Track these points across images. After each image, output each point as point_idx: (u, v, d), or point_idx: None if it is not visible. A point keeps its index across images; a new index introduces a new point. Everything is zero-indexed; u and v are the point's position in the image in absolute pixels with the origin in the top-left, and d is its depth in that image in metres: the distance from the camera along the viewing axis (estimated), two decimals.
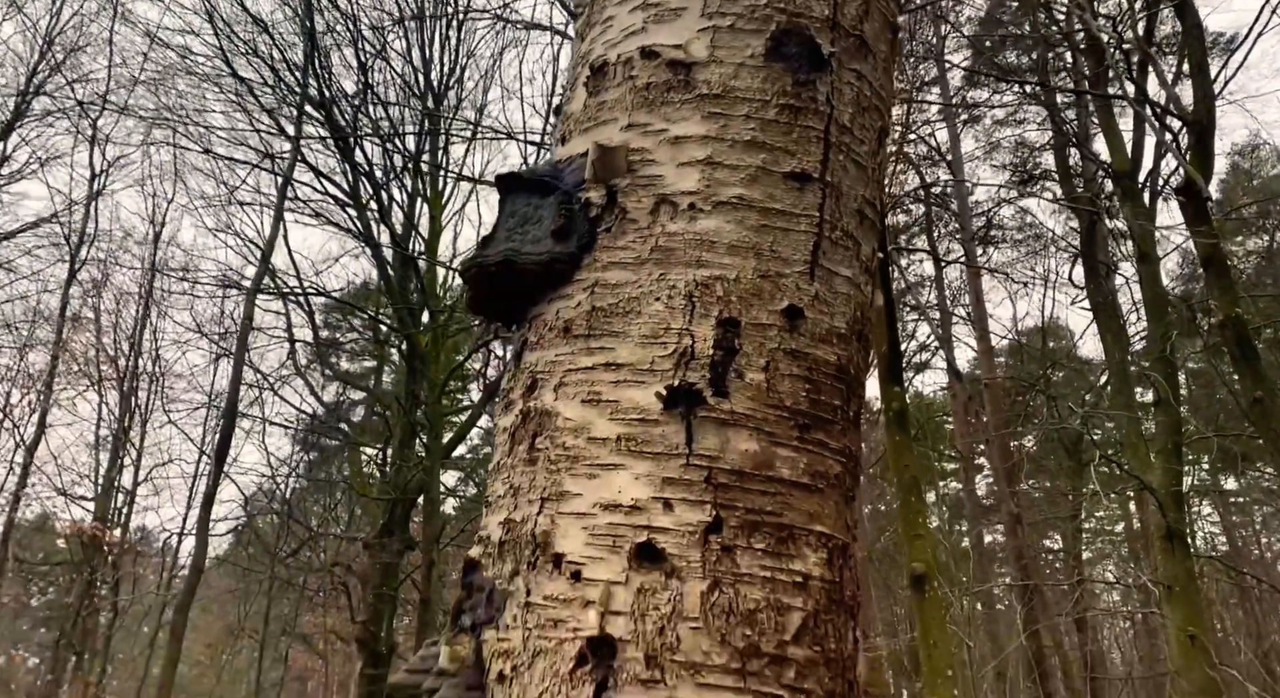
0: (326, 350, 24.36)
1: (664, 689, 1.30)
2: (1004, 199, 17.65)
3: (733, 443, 1.41)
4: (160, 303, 15.88)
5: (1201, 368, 19.87)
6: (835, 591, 1.41)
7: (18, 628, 21.98)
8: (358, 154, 15.99)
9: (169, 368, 24.43)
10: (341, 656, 24.81)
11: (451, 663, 1.49)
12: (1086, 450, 18.33)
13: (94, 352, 13.18)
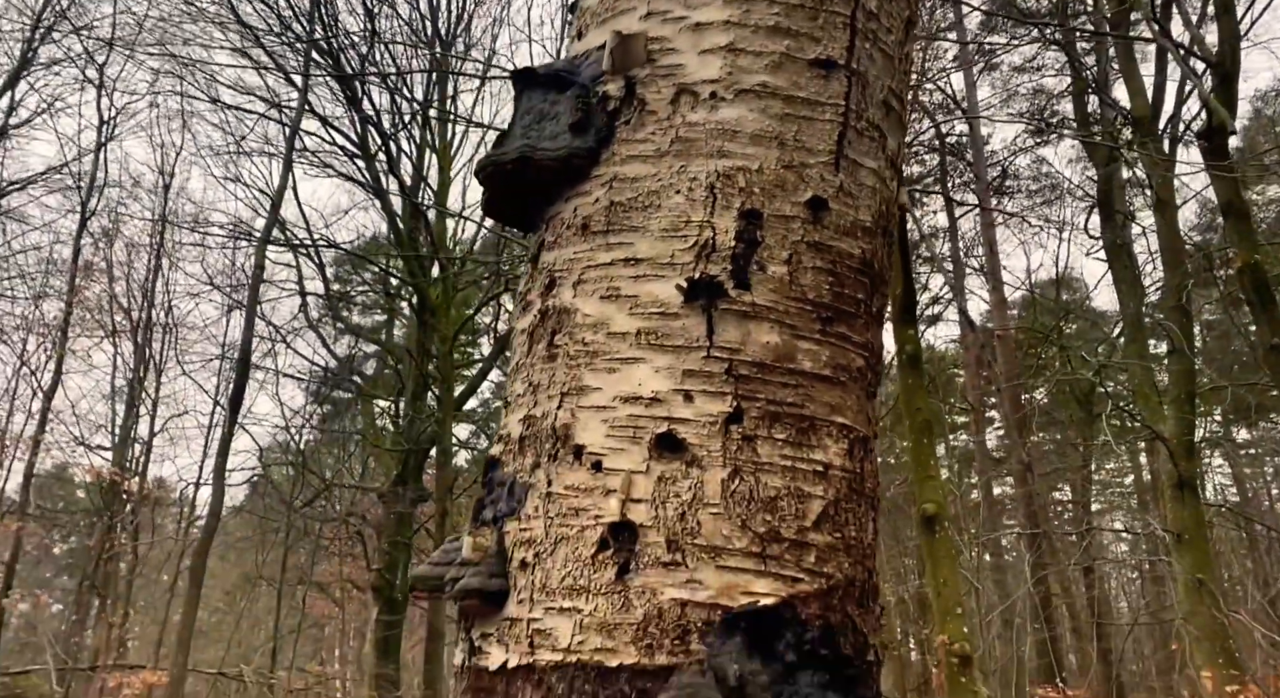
0: (338, 303, 24.41)
1: (685, 571, 1.31)
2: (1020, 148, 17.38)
3: (754, 335, 1.40)
4: (172, 254, 15.90)
5: (1216, 319, 19.72)
6: (856, 481, 1.41)
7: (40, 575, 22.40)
8: (365, 103, 15.83)
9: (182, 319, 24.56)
10: (357, 603, 25.25)
11: (474, 553, 1.50)
12: (1098, 402, 18.29)
13: (107, 302, 13.26)
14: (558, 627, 1.35)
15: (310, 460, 22.66)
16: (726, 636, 1.28)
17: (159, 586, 22.24)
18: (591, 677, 1.30)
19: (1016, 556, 25.17)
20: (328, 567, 24.28)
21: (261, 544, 20.82)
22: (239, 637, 21.94)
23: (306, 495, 20.99)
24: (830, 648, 1.31)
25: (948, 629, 6.02)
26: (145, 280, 14.28)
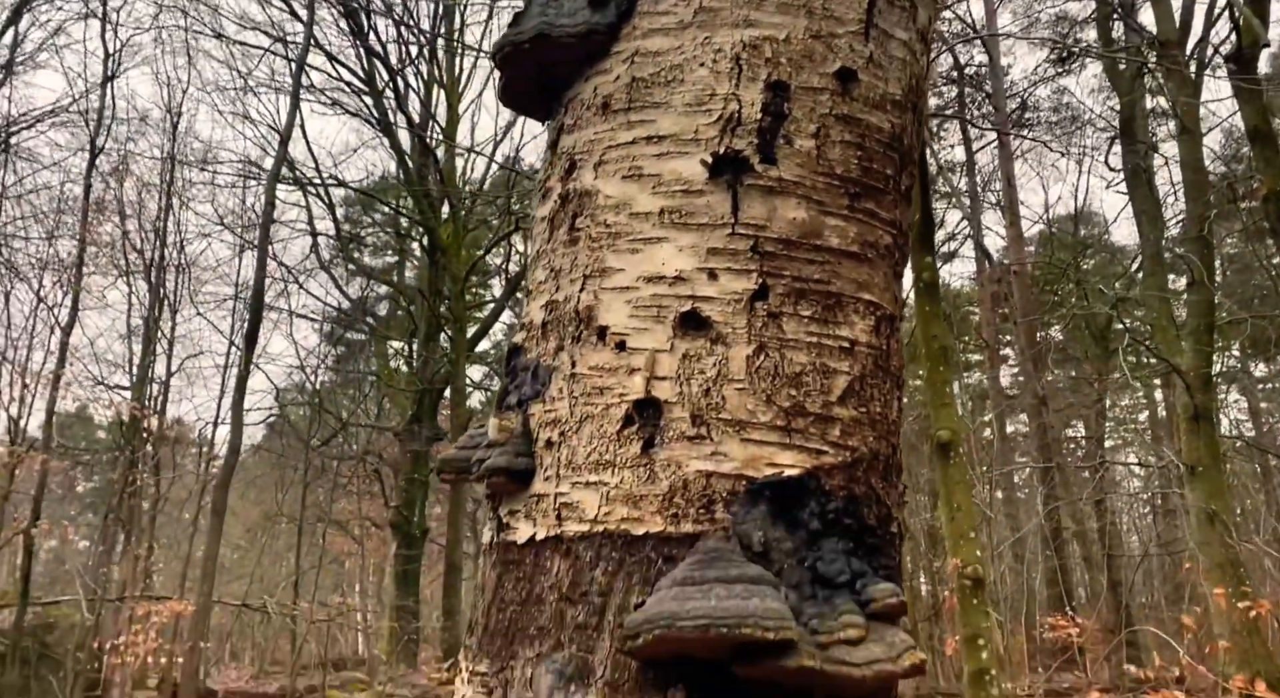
0: (349, 244, 24.37)
1: (710, 445, 1.31)
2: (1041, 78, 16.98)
3: (780, 212, 1.38)
4: (182, 193, 15.84)
5: (1237, 252, 19.45)
6: (881, 358, 1.40)
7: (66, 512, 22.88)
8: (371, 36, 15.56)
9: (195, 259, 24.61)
10: (376, 539, 25.77)
11: (500, 434, 1.51)
12: (1114, 338, 18.20)
13: (120, 241, 13.26)
14: (584, 500, 1.36)
15: (326, 401, 22.89)
16: (751, 505, 1.29)
17: (181, 523, 22.71)
18: (618, 545, 1.32)
19: (1029, 492, 25.36)
20: (346, 505, 24.71)
21: (280, 483, 21.17)
22: (261, 572, 22.45)
23: (324, 435, 21.27)
24: (854, 518, 1.32)
25: (961, 553, 6.08)
26: (156, 219, 14.27)
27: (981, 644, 5.99)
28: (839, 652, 1.20)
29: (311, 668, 16.56)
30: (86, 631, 9.83)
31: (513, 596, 1.42)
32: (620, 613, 1.28)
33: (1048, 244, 21.09)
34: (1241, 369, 20.33)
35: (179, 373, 16.67)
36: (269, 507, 22.80)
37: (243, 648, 22.85)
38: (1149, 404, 25.63)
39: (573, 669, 1.29)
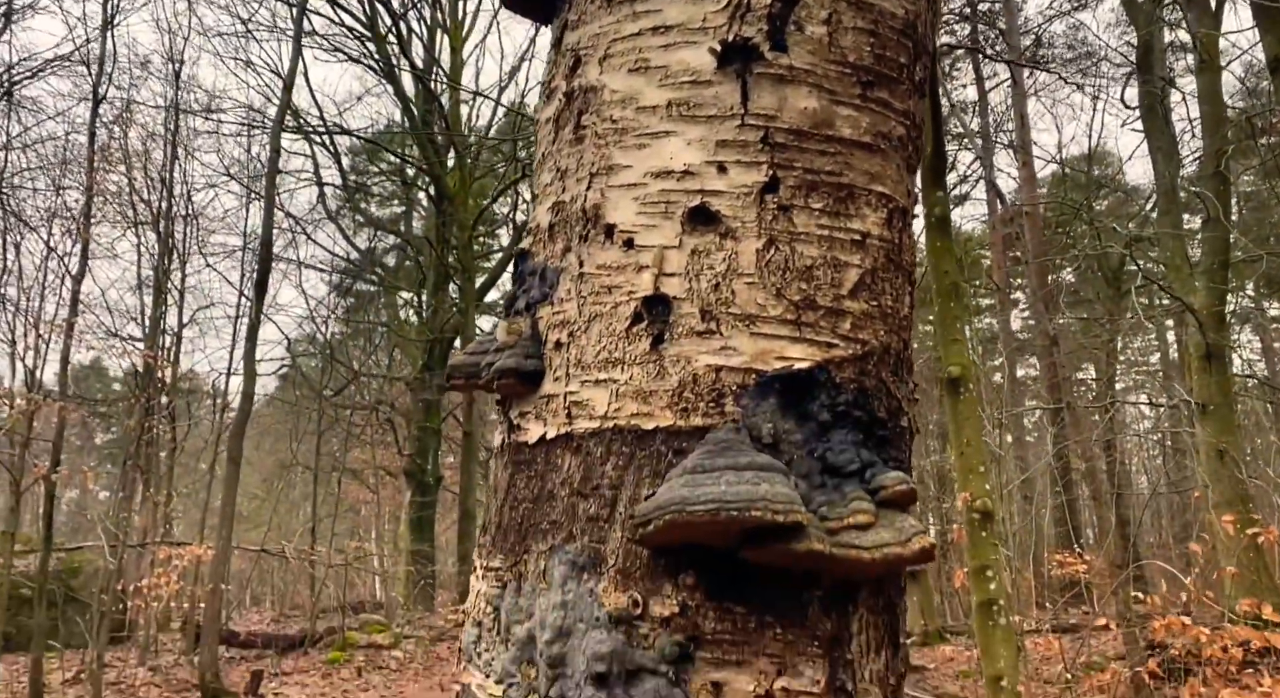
0: (355, 194, 24.25)
1: (719, 339, 1.30)
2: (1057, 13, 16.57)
3: (791, 101, 1.35)
4: (187, 142, 15.73)
5: (1254, 189, 19.15)
6: (893, 251, 1.39)
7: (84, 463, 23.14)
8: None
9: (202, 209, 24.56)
10: (391, 488, 26.09)
11: (509, 337, 1.50)
12: (1127, 280, 18.04)
13: (127, 192, 13.20)
14: (594, 397, 1.36)
15: (337, 352, 22.99)
16: (761, 398, 1.29)
17: (198, 473, 23.03)
18: (628, 439, 1.32)
19: (1038, 436, 25.40)
20: (360, 454, 24.97)
21: (295, 432, 21.37)
22: (278, 521, 22.80)
23: (336, 385, 21.41)
24: (864, 410, 1.31)
25: (970, 487, 6.11)
26: (162, 169, 14.19)
27: (990, 576, 6.06)
28: (848, 537, 1.21)
29: (330, 611, 16.90)
30: (110, 575, 10.05)
31: (525, 494, 1.43)
32: (631, 505, 1.29)
33: (1060, 184, 20.82)
34: (1255, 308, 20.17)
35: (190, 325, 16.74)
36: (284, 456, 23.06)
37: (263, 593, 23.33)
38: (1160, 346, 25.48)
39: (585, 559, 1.30)
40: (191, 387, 20.22)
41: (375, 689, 12.08)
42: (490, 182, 26.44)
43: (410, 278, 26.11)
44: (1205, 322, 11.88)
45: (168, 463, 13.74)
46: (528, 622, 1.36)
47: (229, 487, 10.72)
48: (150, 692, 10.44)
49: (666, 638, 1.23)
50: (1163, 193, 12.95)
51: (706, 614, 1.23)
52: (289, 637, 14.35)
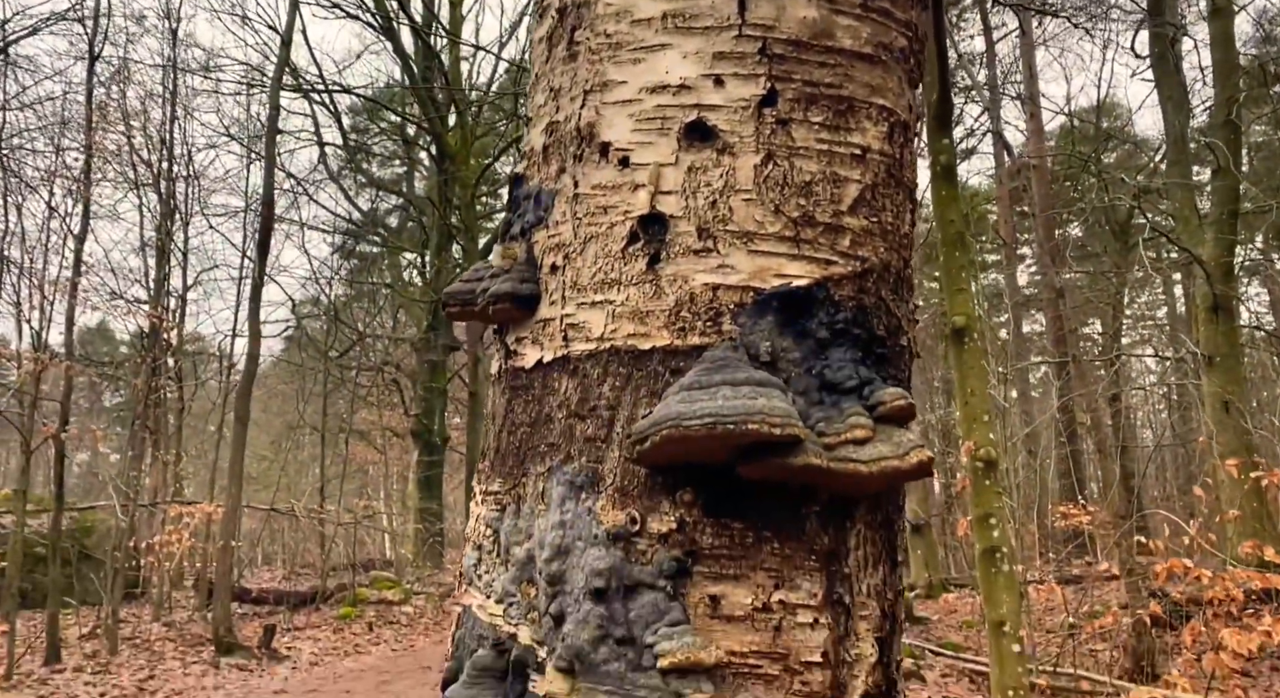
0: (356, 154, 24.07)
1: (716, 257, 1.29)
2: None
3: (789, 10, 1.32)
4: (186, 102, 15.58)
5: (1264, 140, 18.90)
6: (894, 166, 1.36)
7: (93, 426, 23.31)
8: None
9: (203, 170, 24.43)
10: (398, 448, 26.25)
11: (504, 261, 1.49)
12: (1134, 233, 17.89)
13: (127, 151, 13.10)
14: (590, 319, 1.35)
15: (342, 313, 23.00)
16: (758, 316, 1.27)
17: (206, 435, 23.19)
18: (625, 360, 1.31)
19: (1043, 391, 25.41)
20: (367, 415, 25.10)
21: (301, 394, 21.47)
22: (286, 481, 22.99)
23: (341, 346, 21.45)
24: (863, 328, 1.30)
25: (974, 436, 6.11)
26: (161, 127, 14.07)
27: (993, 524, 6.08)
28: (845, 451, 1.20)
29: (341, 569, 17.12)
30: (122, 533, 10.16)
31: (522, 418, 1.43)
32: (628, 425, 1.28)
33: (1068, 137, 20.56)
34: (1264, 260, 20.02)
35: (195, 286, 16.72)
36: (291, 418, 23.19)
37: (273, 552, 23.62)
38: (1168, 300, 25.36)
39: (583, 479, 1.30)
40: (197, 349, 20.27)
41: (386, 644, 12.27)
42: (492, 140, 26.22)
43: (413, 239, 26.02)
44: (1213, 273, 11.80)
45: (176, 424, 13.82)
46: (527, 543, 1.36)
47: (237, 446, 10.80)
48: (165, 646, 10.63)
49: (664, 554, 1.23)
50: (1172, 142, 12.78)
51: (704, 530, 1.23)
52: (300, 594, 14.55)
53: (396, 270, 25.70)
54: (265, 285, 11.60)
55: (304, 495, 19.78)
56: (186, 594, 14.09)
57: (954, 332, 6.22)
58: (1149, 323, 26.49)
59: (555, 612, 1.27)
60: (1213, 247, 11.85)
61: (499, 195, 30.06)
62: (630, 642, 1.20)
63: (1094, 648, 10.88)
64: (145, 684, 8.99)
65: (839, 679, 1.22)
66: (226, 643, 10.33)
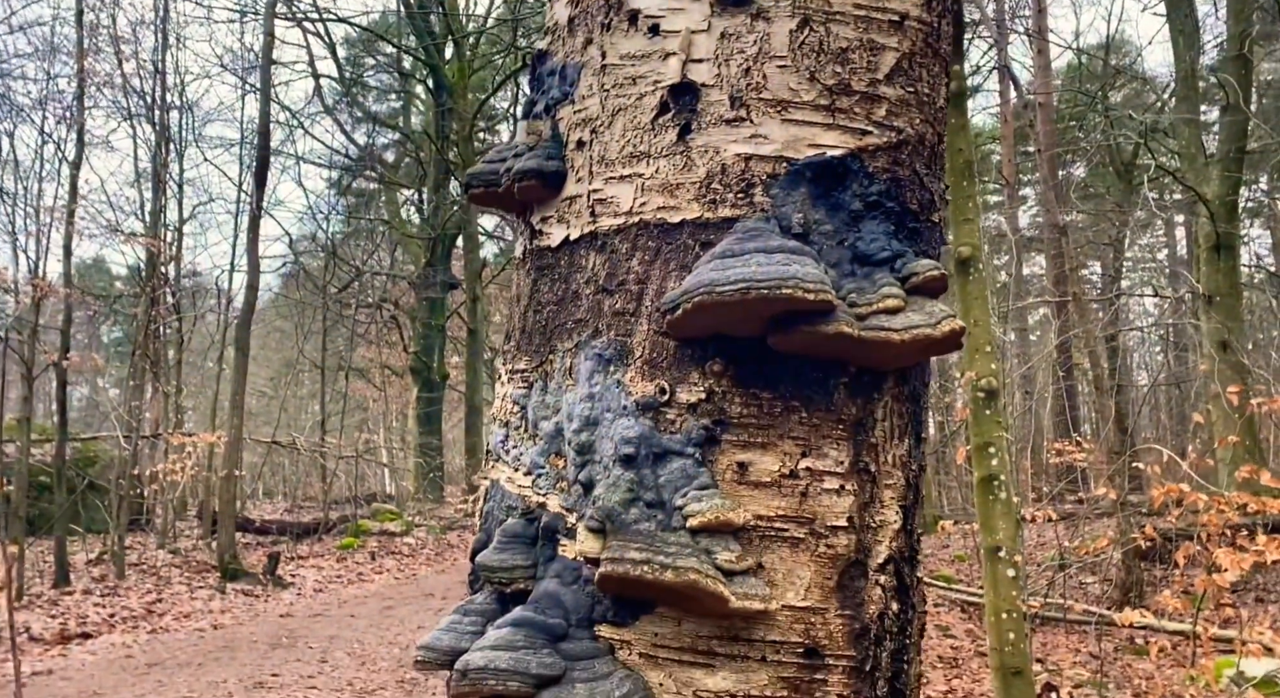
0: (352, 87, 23.66)
1: (749, 126, 1.27)
2: None
3: None
4: (178, 29, 15.23)
5: (1274, 78, 18.64)
6: (932, 35, 1.34)
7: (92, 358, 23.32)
8: None
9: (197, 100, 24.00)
10: (398, 386, 26.38)
11: (530, 138, 1.47)
12: (1139, 173, 17.74)
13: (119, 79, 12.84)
14: (619, 194, 1.34)
15: (339, 250, 22.87)
16: (791, 187, 1.26)
17: (206, 371, 23.25)
18: (654, 234, 1.30)
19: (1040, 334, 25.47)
20: (365, 353, 25.15)
21: (300, 329, 21.48)
22: (286, 419, 23.16)
23: (339, 282, 21.38)
24: (896, 201, 1.29)
25: (976, 366, 6.14)
26: (154, 54, 13.76)
27: (992, 453, 6.14)
28: (877, 320, 1.20)
29: (342, 502, 17.34)
30: (125, 461, 10.26)
31: (548, 297, 1.42)
32: (657, 298, 1.28)
33: (1076, 75, 20.25)
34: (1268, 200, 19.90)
35: (191, 220, 16.59)
36: (290, 354, 23.25)
37: (274, 485, 23.89)
38: (1168, 242, 25.30)
39: (612, 353, 1.30)
40: (195, 285, 20.20)
41: (389, 573, 12.49)
42: (490, 74, 25.75)
43: (410, 175, 25.76)
44: (1217, 212, 11.74)
45: (176, 357, 13.84)
46: (555, 417, 1.37)
47: (238, 376, 10.83)
48: (171, 572, 10.82)
49: (693, 422, 1.24)
50: (1181, 78, 12.60)
51: (733, 400, 1.24)
52: (303, 524, 14.76)
53: (394, 207, 25.50)
54: (262, 220, 11.50)
55: (305, 431, 19.92)
56: (190, 524, 14.29)
57: (959, 262, 6.21)
58: (1149, 264, 26.46)
59: (585, 480, 1.28)
60: (1218, 185, 11.77)
61: (497, 131, 29.66)
62: (659, 505, 1.21)
63: (1083, 581, 11.11)
64: (153, 606, 9.17)
65: (863, 543, 1.25)
66: (232, 569, 10.51)
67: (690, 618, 1.20)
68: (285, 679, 6.87)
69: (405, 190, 25.48)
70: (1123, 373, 16.55)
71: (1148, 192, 13.83)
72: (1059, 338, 12.26)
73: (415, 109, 27.50)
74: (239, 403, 10.45)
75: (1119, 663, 7.34)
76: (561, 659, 1.20)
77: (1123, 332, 15.71)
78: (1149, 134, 13.06)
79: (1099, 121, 15.92)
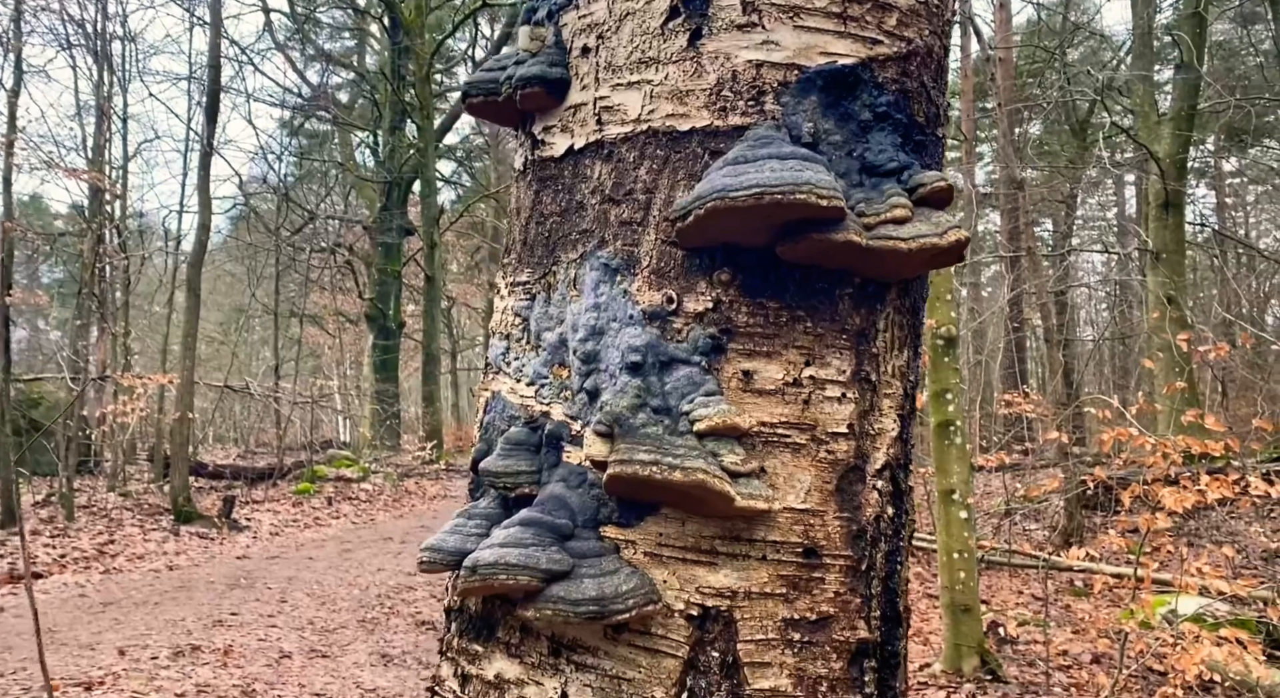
0: (304, 23, 22.87)
1: (761, 33, 1.26)
2: None
3: None
4: None
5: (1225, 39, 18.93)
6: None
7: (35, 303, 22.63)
8: None
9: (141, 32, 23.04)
10: (352, 333, 26.03)
11: (532, 43, 1.45)
12: (1093, 132, 17.99)
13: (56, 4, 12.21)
14: (626, 101, 1.33)
15: (291, 193, 22.30)
16: (802, 96, 1.26)
17: (153, 315, 22.69)
18: (663, 142, 1.30)
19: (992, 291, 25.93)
20: (319, 299, 24.72)
21: (251, 274, 21.01)
22: (237, 365, 22.75)
23: (292, 226, 20.89)
24: (904, 113, 1.30)
25: (935, 314, 6.25)
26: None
27: (949, 399, 6.30)
28: (885, 229, 1.22)
29: (296, 449, 17.18)
30: (73, 402, 10.01)
31: (552, 208, 1.42)
32: (666, 207, 1.28)
33: (1035, 33, 20.34)
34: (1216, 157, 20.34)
35: (136, 157, 16.01)
36: (241, 300, 22.77)
37: (226, 431, 23.56)
38: (1118, 201, 25.80)
39: (619, 262, 1.30)
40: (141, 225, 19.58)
41: (346, 518, 12.47)
42: (448, 13, 25.07)
43: (365, 116, 25.10)
44: (1167, 169, 11.99)
45: (122, 298, 13.47)
46: (559, 328, 1.37)
47: (190, 317, 10.60)
48: (123, 515, 10.67)
49: (700, 331, 1.25)
50: (1138, 36, 12.74)
51: (739, 309, 1.25)
52: (257, 469, 14.61)
53: (348, 149, 24.88)
54: (212, 159, 11.14)
55: (257, 377, 19.61)
56: (140, 468, 14.05)
57: None
58: (1099, 222, 27.00)
59: (590, 388, 1.29)
60: (1169, 143, 12.00)
61: (454, 73, 28.98)
62: (666, 411, 1.23)
63: (1027, 527, 11.50)
64: (105, 548, 9.06)
65: (862, 450, 1.28)
66: (186, 512, 10.40)
67: (694, 519, 1.23)
68: (245, 618, 6.87)
69: (360, 132, 24.86)
70: (1069, 328, 16.96)
71: (1102, 149, 14.04)
72: (1012, 292, 12.50)
73: (370, 48, 26.73)
74: (191, 345, 10.23)
75: (1059, 604, 7.65)
76: (569, 557, 1.22)
77: (1071, 288, 16.06)
78: (1104, 91, 13.22)
79: (1056, 78, 16.08)
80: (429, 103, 21.70)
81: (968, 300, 19.78)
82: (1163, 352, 9.54)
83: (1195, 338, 10.45)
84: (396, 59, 21.44)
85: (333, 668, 5.75)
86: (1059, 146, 19.58)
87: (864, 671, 1.27)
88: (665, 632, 1.22)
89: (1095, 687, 5.41)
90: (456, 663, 1.41)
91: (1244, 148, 19.02)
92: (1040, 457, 13.09)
